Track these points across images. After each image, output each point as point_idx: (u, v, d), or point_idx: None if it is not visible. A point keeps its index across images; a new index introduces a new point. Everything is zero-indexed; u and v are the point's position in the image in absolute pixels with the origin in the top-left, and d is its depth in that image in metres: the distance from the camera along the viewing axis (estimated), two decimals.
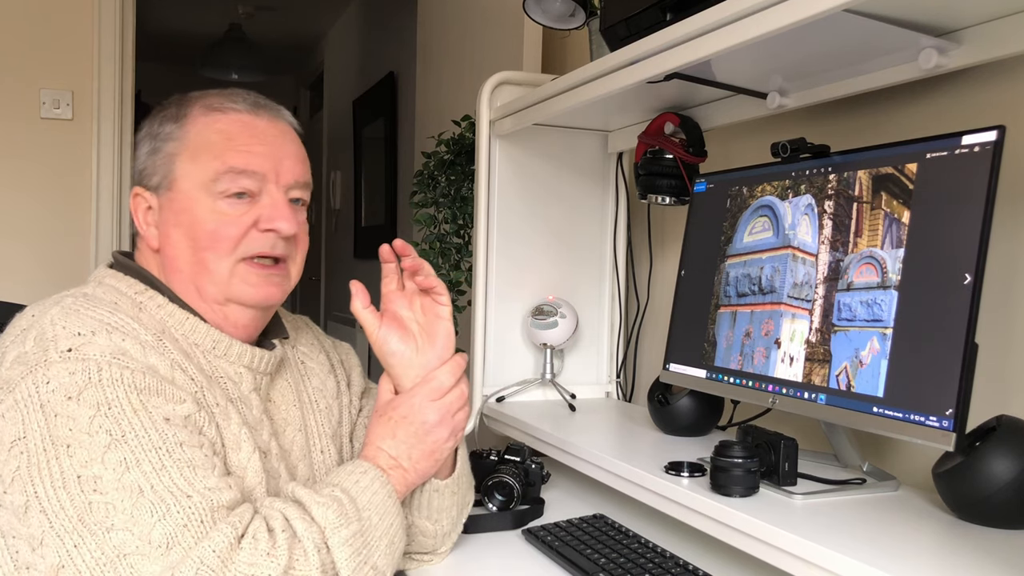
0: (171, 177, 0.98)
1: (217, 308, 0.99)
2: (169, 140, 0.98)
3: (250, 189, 0.97)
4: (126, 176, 2.89)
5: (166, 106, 1.02)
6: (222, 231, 0.96)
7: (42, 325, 0.87)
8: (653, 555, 1.09)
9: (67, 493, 0.79)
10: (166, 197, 0.98)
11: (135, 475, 0.80)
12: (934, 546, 0.89)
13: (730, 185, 1.27)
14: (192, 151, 0.97)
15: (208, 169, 0.96)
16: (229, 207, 0.97)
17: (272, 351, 1.04)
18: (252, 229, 0.98)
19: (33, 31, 2.74)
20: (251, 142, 0.98)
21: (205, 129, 0.98)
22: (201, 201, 0.96)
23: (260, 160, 0.98)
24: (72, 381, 0.82)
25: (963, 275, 0.89)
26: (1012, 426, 0.92)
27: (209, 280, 0.97)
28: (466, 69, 2.40)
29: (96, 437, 0.80)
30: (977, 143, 0.91)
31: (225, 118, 0.99)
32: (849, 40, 1.00)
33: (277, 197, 0.99)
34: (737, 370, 1.18)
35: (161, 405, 0.85)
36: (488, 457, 1.35)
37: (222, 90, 1.02)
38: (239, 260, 0.98)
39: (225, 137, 0.97)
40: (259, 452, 0.96)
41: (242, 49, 5.08)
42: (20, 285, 2.68)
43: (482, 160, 1.63)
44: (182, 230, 0.97)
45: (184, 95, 1.03)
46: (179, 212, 0.97)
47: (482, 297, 1.64)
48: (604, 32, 1.28)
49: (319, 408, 1.12)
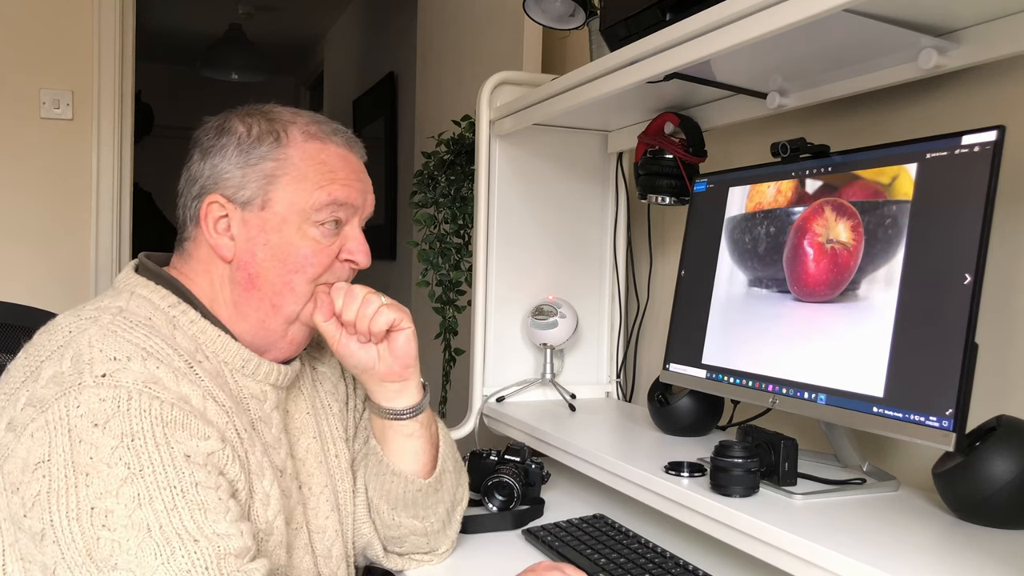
0: (267, 197, 0.98)
1: (284, 326, 1.01)
2: (267, 159, 0.98)
3: (341, 220, 1.01)
4: (126, 176, 2.89)
5: (250, 116, 1.00)
6: (314, 258, 1.00)
7: (79, 345, 0.86)
8: (653, 555, 1.09)
9: (79, 525, 0.79)
10: (256, 215, 0.98)
11: (146, 512, 0.80)
12: (934, 546, 0.89)
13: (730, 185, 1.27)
14: (294, 176, 0.98)
15: (311, 198, 0.98)
16: (322, 236, 1.00)
17: (291, 364, 1.05)
18: (335, 259, 1.02)
19: (33, 31, 2.74)
20: (350, 178, 1.02)
21: (308, 157, 0.99)
22: (296, 226, 0.98)
23: (356, 196, 1.02)
24: (101, 408, 0.82)
25: (963, 275, 0.88)
26: (1012, 426, 0.92)
27: (292, 300, 1.00)
28: (466, 69, 2.40)
29: (114, 469, 0.80)
30: (977, 143, 0.91)
31: (326, 149, 1.01)
32: (849, 40, 1.00)
33: (358, 231, 1.04)
34: (737, 370, 1.18)
35: (185, 440, 0.84)
36: (488, 457, 1.35)
37: (311, 115, 1.04)
38: (319, 285, 1.01)
39: (329, 169, 1.00)
40: (277, 473, 0.97)
41: (242, 49, 5.07)
42: (20, 285, 2.68)
43: (482, 160, 1.63)
44: (271, 250, 0.98)
45: (266, 110, 1.02)
46: (270, 232, 0.98)
47: (482, 297, 1.64)
48: (604, 32, 1.28)
49: (332, 412, 1.13)
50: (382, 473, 1.08)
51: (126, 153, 2.88)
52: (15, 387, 0.86)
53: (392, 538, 1.12)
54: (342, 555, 1.08)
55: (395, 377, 1.06)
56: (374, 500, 1.10)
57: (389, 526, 1.11)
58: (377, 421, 1.09)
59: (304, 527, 1.03)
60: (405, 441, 1.08)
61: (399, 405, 1.07)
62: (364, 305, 1.02)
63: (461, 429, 1.62)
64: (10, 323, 1.29)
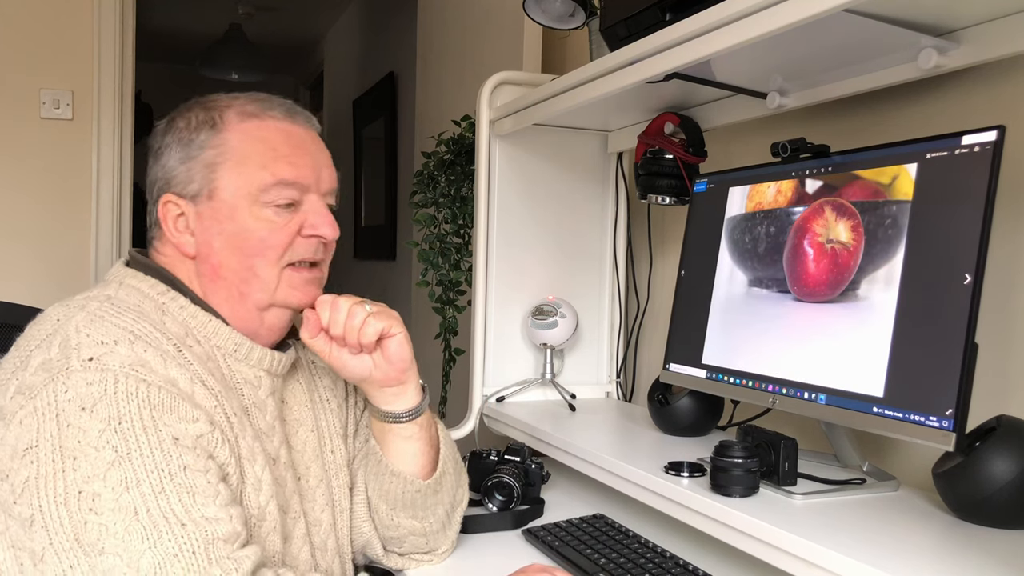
0: (212, 186, 0.97)
1: (257, 313, 1.00)
2: (206, 148, 0.97)
3: (295, 199, 0.99)
4: (126, 176, 2.89)
5: (189, 111, 1.00)
6: (271, 239, 0.98)
7: (67, 331, 0.87)
8: (653, 555, 1.09)
9: (67, 510, 0.79)
10: (207, 206, 0.97)
11: (133, 495, 0.79)
12: (934, 546, 0.89)
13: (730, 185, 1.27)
14: (235, 160, 0.97)
15: (255, 179, 0.97)
16: (276, 215, 0.98)
17: (286, 352, 1.04)
18: (297, 236, 1.00)
19: (33, 31, 2.74)
20: (294, 152, 0.99)
21: (246, 137, 0.98)
22: (247, 210, 0.97)
23: (305, 171, 1.00)
24: (88, 392, 0.82)
25: (963, 275, 0.88)
26: (1012, 426, 0.92)
27: (258, 286, 0.99)
28: (466, 69, 2.40)
29: (102, 452, 0.80)
30: (977, 143, 0.91)
31: (264, 125, 0.99)
32: (849, 40, 1.00)
33: (318, 205, 1.01)
34: (737, 370, 1.18)
35: (173, 423, 0.84)
36: (488, 457, 1.35)
37: (251, 94, 1.02)
38: (285, 266, 1.00)
39: (269, 147, 0.98)
40: (269, 460, 0.96)
41: (242, 49, 5.07)
42: (20, 285, 2.68)
43: (482, 160, 1.63)
44: (226, 238, 0.97)
45: (206, 99, 1.01)
46: (223, 221, 0.97)
47: (482, 297, 1.64)
48: (604, 32, 1.28)
49: (330, 407, 1.12)
50: (381, 473, 1.08)
51: (126, 153, 2.88)
52: (5, 377, 0.87)
53: (391, 538, 1.12)
54: (336, 549, 1.08)
55: (392, 382, 1.05)
56: (373, 500, 1.10)
57: (388, 526, 1.11)
58: (376, 424, 1.09)
59: (302, 517, 1.03)
60: (404, 443, 1.08)
61: (398, 408, 1.07)
62: (350, 317, 1.00)
63: (461, 429, 1.62)
64: (10, 323, 1.29)
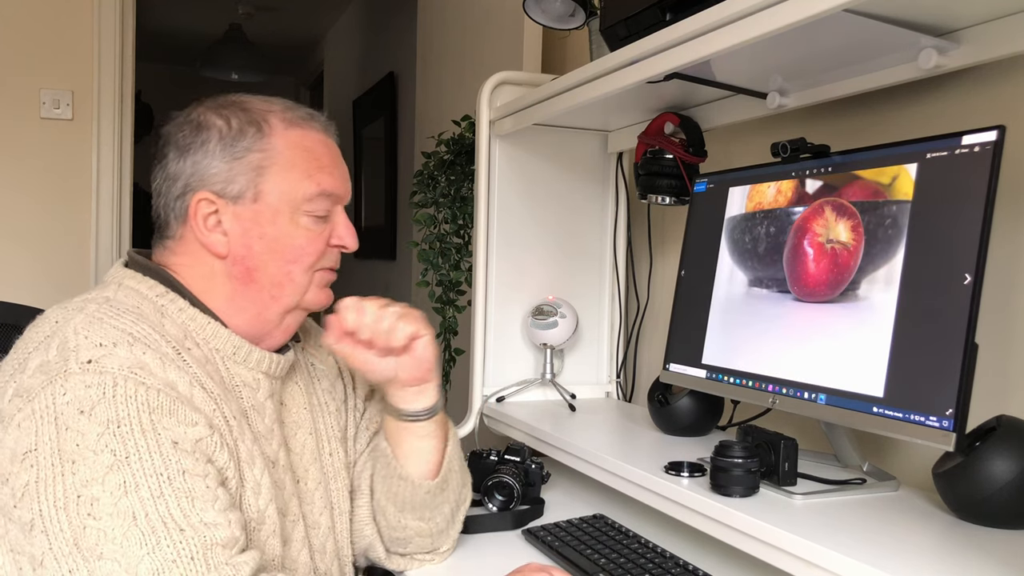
0: (258, 189, 0.97)
1: (280, 316, 1.01)
2: (252, 151, 0.97)
3: (330, 210, 1.02)
4: (126, 176, 2.89)
5: (224, 109, 0.98)
6: (309, 247, 1.00)
7: (65, 333, 0.86)
8: (653, 555, 1.09)
9: (66, 514, 0.78)
10: (249, 208, 0.97)
11: (132, 500, 0.79)
12: (934, 546, 0.89)
13: (730, 185, 1.27)
14: (281, 166, 0.97)
15: (300, 188, 0.98)
16: (313, 224, 1.00)
17: (285, 354, 1.04)
18: (327, 245, 1.02)
19: (33, 31, 2.74)
20: (332, 164, 1.02)
21: (292, 145, 0.98)
22: (288, 216, 0.98)
23: (340, 184, 1.03)
24: (87, 395, 0.81)
25: (963, 275, 0.88)
26: (1012, 426, 0.92)
27: (292, 290, 1.00)
28: (466, 69, 2.40)
29: (100, 456, 0.79)
30: (977, 143, 0.91)
31: (307, 136, 1.00)
32: (849, 40, 1.00)
33: (344, 216, 1.04)
34: (737, 370, 1.18)
35: (172, 427, 0.84)
36: (488, 457, 1.35)
37: (283, 101, 1.03)
38: (314, 272, 1.02)
39: (313, 156, 1.00)
40: (268, 463, 0.96)
41: (242, 49, 5.07)
42: (20, 285, 2.68)
43: (482, 160, 1.63)
44: (267, 243, 0.98)
45: (236, 100, 1.00)
46: (264, 224, 0.97)
47: (482, 297, 1.64)
48: (604, 32, 1.28)
49: (329, 410, 1.12)
50: (390, 476, 1.08)
51: (126, 153, 2.88)
52: (4, 380, 0.86)
53: (397, 539, 1.12)
54: (335, 552, 1.08)
55: (417, 381, 1.06)
56: (381, 502, 1.10)
57: (395, 528, 1.11)
58: (392, 423, 1.09)
59: (301, 520, 1.03)
60: (419, 442, 1.08)
61: (418, 407, 1.07)
62: (377, 321, 1.02)
63: (461, 429, 1.62)
64: (10, 323, 1.29)
